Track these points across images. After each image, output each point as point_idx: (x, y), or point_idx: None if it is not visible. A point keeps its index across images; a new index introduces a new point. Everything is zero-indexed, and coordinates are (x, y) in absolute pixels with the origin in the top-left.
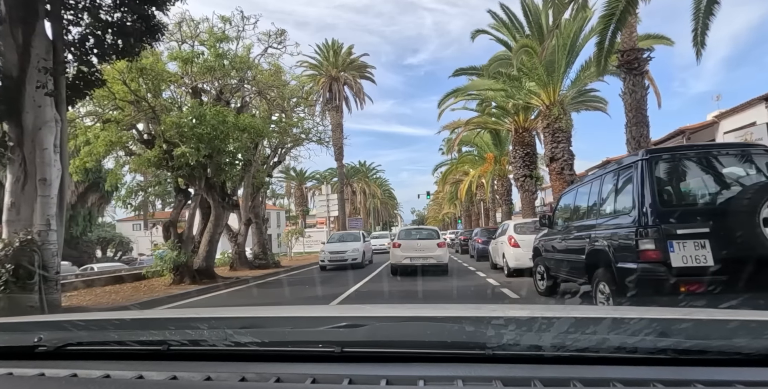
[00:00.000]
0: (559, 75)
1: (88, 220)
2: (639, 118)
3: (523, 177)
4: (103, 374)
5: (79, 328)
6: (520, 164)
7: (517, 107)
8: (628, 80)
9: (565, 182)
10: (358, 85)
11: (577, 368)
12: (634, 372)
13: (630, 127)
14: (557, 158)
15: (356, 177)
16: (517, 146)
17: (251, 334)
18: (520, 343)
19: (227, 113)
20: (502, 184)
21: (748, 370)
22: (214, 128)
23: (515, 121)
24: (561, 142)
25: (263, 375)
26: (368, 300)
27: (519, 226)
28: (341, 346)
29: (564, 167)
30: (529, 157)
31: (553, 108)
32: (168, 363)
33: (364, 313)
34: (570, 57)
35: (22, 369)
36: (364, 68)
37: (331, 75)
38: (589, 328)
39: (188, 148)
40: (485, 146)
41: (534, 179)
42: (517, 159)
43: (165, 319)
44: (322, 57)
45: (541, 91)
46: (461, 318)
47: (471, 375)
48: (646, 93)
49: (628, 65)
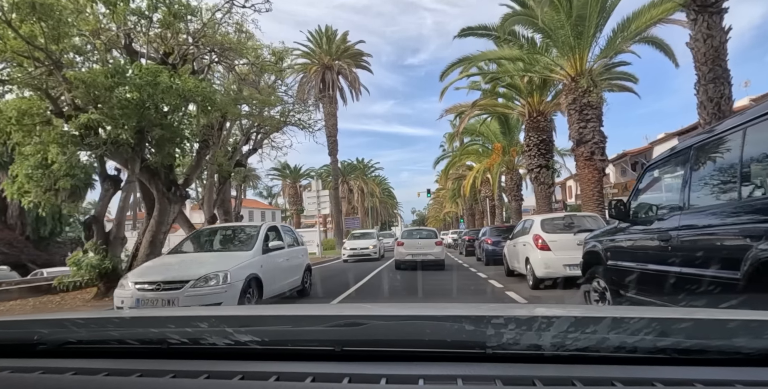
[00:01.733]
0: (588, 37)
1: (58, 219)
2: (717, 72)
3: (538, 168)
4: (103, 372)
5: (79, 326)
6: (535, 152)
7: (532, 85)
8: (700, 22)
9: (596, 170)
10: (354, 74)
11: (577, 367)
12: (635, 372)
13: (704, 85)
14: (586, 140)
15: (353, 174)
16: (531, 133)
17: (251, 333)
18: (520, 342)
19: (160, 71)
20: (511, 178)
21: (748, 370)
22: (141, 89)
23: (528, 103)
24: (591, 120)
25: (263, 373)
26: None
27: (547, 223)
28: (341, 345)
29: (594, 151)
30: (544, 145)
31: (581, 79)
32: (168, 361)
33: (364, 312)
34: (602, 16)
35: (23, 366)
36: (359, 56)
37: (324, 63)
38: (589, 327)
39: (101, 115)
40: (492, 136)
41: (550, 169)
42: (530, 147)
43: (165, 317)
44: (315, 44)
45: (565, 61)
46: (461, 317)
47: (471, 374)
48: (726, 39)
49: (701, 1)
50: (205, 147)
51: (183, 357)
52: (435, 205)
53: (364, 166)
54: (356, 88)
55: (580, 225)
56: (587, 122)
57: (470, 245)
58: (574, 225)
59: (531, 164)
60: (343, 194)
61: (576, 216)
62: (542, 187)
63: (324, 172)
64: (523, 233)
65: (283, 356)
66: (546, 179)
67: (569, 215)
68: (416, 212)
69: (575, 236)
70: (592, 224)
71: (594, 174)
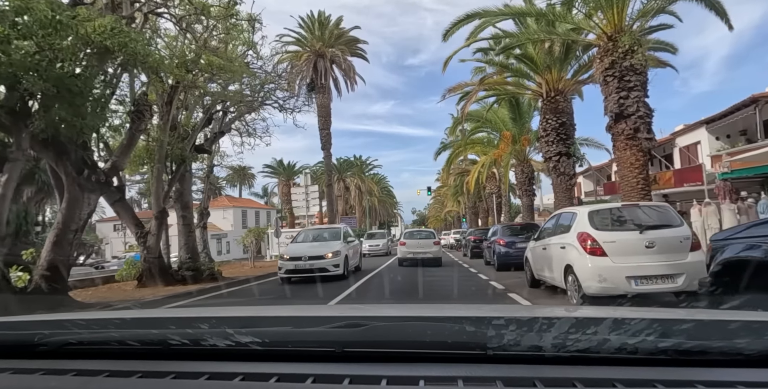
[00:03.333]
0: None
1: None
2: None
3: (557, 156)
4: (104, 373)
5: (80, 327)
6: (553, 138)
7: (552, 55)
8: None
9: (641, 151)
10: (348, 62)
11: (578, 368)
12: (635, 373)
13: None
14: (628, 113)
15: (350, 172)
16: (548, 115)
17: (252, 334)
18: (521, 343)
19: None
20: (522, 170)
21: (750, 371)
22: (14, 27)
23: (546, 81)
24: (634, 89)
25: (264, 374)
26: None
27: (599, 215)
28: (342, 346)
29: (639, 127)
30: (564, 129)
31: (621, 37)
32: (169, 362)
33: (365, 313)
34: None
35: (24, 367)
36: (354, 43)
37: (317, 51)
38: (590, 329)
39: None
40: (500, 124)
41: (572, 157)
42: (548, 132)
43: (166, 318)
44: (307, 30)
45: (599, 20)
46: (462, 318)
47: (472, 375)
48: None
49: None
50: (138, 120)
51: (184, 358)
52: (435, 204)
53: (362, 163)
54: (351, 77)
55: (648, 219)
56: (629, 90)
57: (476, 247)
58: (639, 219)
59: (549, 151)
60: (339, 193)
61: (640, 207)
62: (562, 178)
63: (318, 169)
64: (558, 231)
65: (283, 357)
66: (567, 168)
67: (629, 204)
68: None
69: (642, 235)
70: (661, 217)
71: (638, 157)
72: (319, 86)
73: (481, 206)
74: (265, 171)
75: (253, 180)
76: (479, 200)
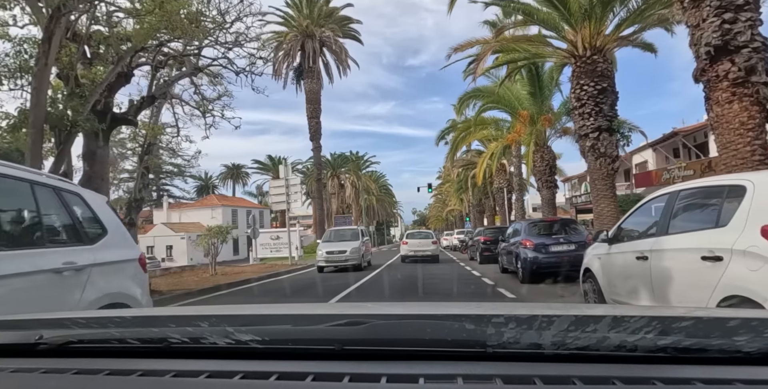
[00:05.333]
0: None
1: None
2: None
3: (596, 132)
4: (105, 371)
5: (80, 326)
6: (590, 108)
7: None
8: None
9: (757, 103)
10: (339, 43)
11: (577, 366)
12: (635, 370)
13: None
14: (736, 45)
15: (346, 167)
16: (584, 80)
17: (252, 332)
18: (521, 341)
19: None
20: (542, 157)
21: (749, 369)
22: None
23: (581, 37)
24: (744, 8)
25: (264, 372)
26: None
27: None
28: (342, 344)
29: (754, 67)
30: (605, 97)
31: None
32: (169, 360)
33: (365, 311)
34: None
35: (24, 366)
36: (347, 23)
37: (304, 30)
38: (590, 326)
39: None
40: (515, 102)
41: (615, 134)
42: (583, 102)
43: (166, 317)
44: (293, 7)
45: None
46: (461, 316)
47: (471, 372)
48: None
49: None
50: None
51: (184, 356)
52: (437, 203)
53: (358, 158)
54: (343, 60)
55: None
56: (737, 10)
57: (488, 249)
58: None
59: (584, 127)
60: (333, 190)
61: None
62: (602, 161)
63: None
64: (683, 225)
65: (283, 355)
66: (609, 148)
67: None
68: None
69: None
70: None
71: (752, 113)
72: (308, 70)
73: (487, 203)
74: (254, 167)
75: (248, 178)
76: (485, 196)
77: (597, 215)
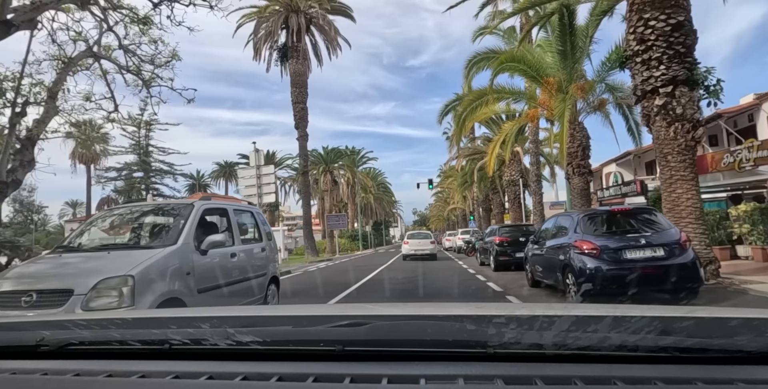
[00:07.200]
0: None
1: None
2: None
3: (669, 86)
4: (105, 373)
5: (81, 328)
6: (659, 54)
7: None
8: None
9: None
10: (328, 19)
11: (578, 366)
12: (636, 371)
13: None
14: None
15: (341, 162)
16: (650, 13)
17: (253, 333)
18: (522, 342)
19: None
20: (573, 136)
21: (750, 368)
22: None
23: None
24: None
25: (265, 374)
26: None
27: None
28: (342, 345)
29: None
30: (682, 35)
31: None
32: (170, 362)
33: (366, 312)
34: None
35: (25, 368)
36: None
37: (288, 4)
38: (591, 326)
39: None
40: (537, 68)
41: (697, 88)
42: (649, 42)
43: (166, 318)
44: None
45: None
46: (462, 316)
47: (472, 373)
48: None
49: None
50: None
51: (184, 357)
52: (438, 203)
53: (353, 153)
54: (333, 39)
55: None
56: None
57: (504, 253)
58: None
59: (651, 79)
60: (326, 187)
61: None
62: (679, 127)
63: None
64: None
65: (284, 356)
66: (688, 108)
67: None
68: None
69: None
70: None
71: None
72: (293, 49)
73: (495, 199)
74: (240, 162)
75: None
76: (493, 191)
77: (670, 205)
